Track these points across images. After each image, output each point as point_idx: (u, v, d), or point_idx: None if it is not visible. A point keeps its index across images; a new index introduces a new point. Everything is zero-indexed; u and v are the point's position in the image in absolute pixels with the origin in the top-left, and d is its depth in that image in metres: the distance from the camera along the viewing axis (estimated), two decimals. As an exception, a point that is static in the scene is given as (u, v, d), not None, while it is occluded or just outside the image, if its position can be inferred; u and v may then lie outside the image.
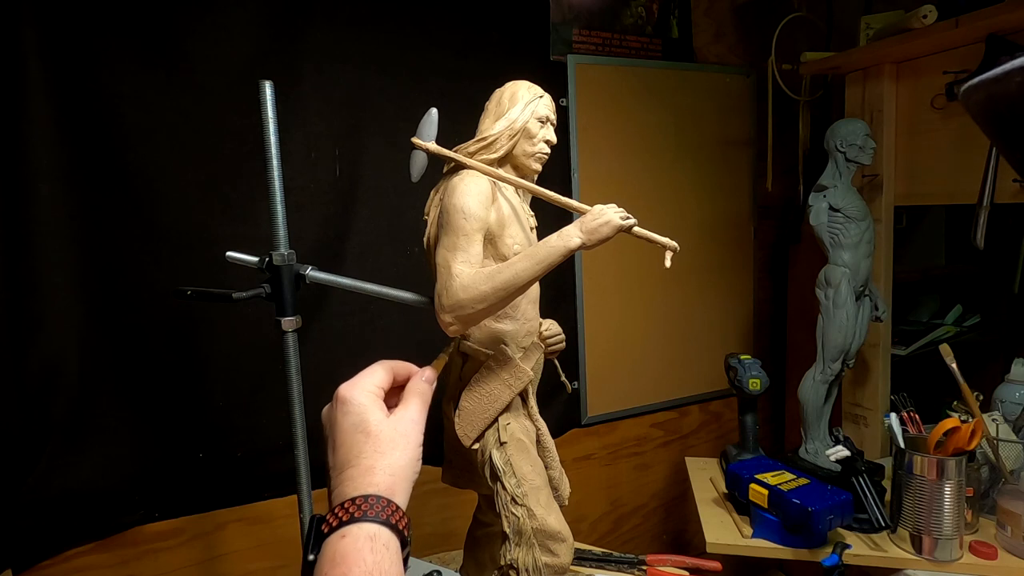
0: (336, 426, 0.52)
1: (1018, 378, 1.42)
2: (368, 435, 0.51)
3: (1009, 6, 1.16)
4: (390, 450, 0.51)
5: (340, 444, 0.51)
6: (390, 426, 0.52)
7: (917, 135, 1.48)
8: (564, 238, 0.59)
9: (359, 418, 0.52)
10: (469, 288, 0.60)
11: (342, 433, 0.52)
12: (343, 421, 0.52)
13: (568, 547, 0.68)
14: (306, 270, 0.87)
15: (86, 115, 1.11)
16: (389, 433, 0.51)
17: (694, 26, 1.75)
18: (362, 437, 0.51)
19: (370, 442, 0.51)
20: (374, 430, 0.51)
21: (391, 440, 0.51)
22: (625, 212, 0.61)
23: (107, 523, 1.20)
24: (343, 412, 0.52)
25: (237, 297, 0.84)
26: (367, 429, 0.51)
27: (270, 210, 0.89)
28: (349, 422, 0.52)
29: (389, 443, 0.51)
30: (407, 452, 0.52)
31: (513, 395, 0.69)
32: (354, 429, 0.51)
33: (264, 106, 0.87)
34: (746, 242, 1.92)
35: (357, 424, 0.51)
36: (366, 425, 0.51)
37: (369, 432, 0.51)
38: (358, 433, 0.51)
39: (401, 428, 0.52)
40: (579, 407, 1.70)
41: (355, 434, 0.51)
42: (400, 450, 0.51)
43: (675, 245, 0.62)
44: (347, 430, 0.51)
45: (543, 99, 0.71)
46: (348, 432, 0.51)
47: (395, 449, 0.51)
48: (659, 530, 1.91)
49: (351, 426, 0.52)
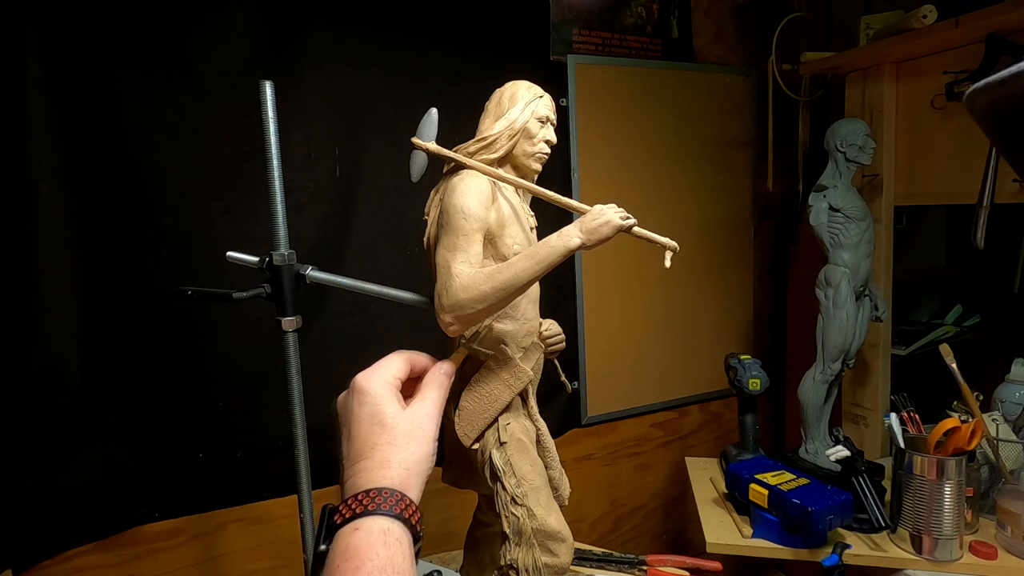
0: (352, 415, 0.52)
1: (1018, 378, 1.42)
2: (384, 427, 0.51)
3: (1009, 6, 1.16)
4: (405, 444, 0.51)
5: (355, 435, 0.51)
6: (406, 419, 0.52)
7: (917, 135, 1.48)
8: (564, 238, 0.59)
9: (375, 409, 0.52)
10: (469, 288, 0.60)
11: (357, 423, 0.52)
12: (359, 411, 0.52)
13: (568, 547, 0.68)
14: (306, 270, 0.87)
15: (86, 115, 1.11)
16: (405, 427, 0.51)
17: (694, 26, 1.75)
18: (378, 429, 0.51)
19: (385, 434, 0.51)
20: (390, 423, 0.51)
21: (406, 434, 0.51)
22: (625, 212, 0.61)
23: (107, 523, 1.20)
24: (359, 402, 0.52)
25: (237, 297, 0.84)
26: (383, 421, 0.51)
27: (270, 210, 0.89)
28: (365, 412, 0.52)
29: (404, 437, 0.51)
30: (422, 447, 0.51)
31: (513, 395, 0.68)
32: (370, 420, 0.51)
33: (264, 106, 0.87)
34: (746, 242, 1.92)
35: (373, 415, 0.51)
36: (382, 417, 0.51)
37: (385, 424, 0.51)
38: (374, 424, 0.51)
39: (417, 422, 0.52)
40: (579, 407, 1.70)
41: (371, 425, 0.51)
42: (415, 445, 0.51)
43: (675, 245, 0.62)
44: (363, 420, 0.51)
45: (543, 99, 0.71)
46: (364, 423, 0.51)
47: (410, 444, 0.51)
48: (659, 530, 1.91)
49: (367, 416, 0.51)
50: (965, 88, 1.30)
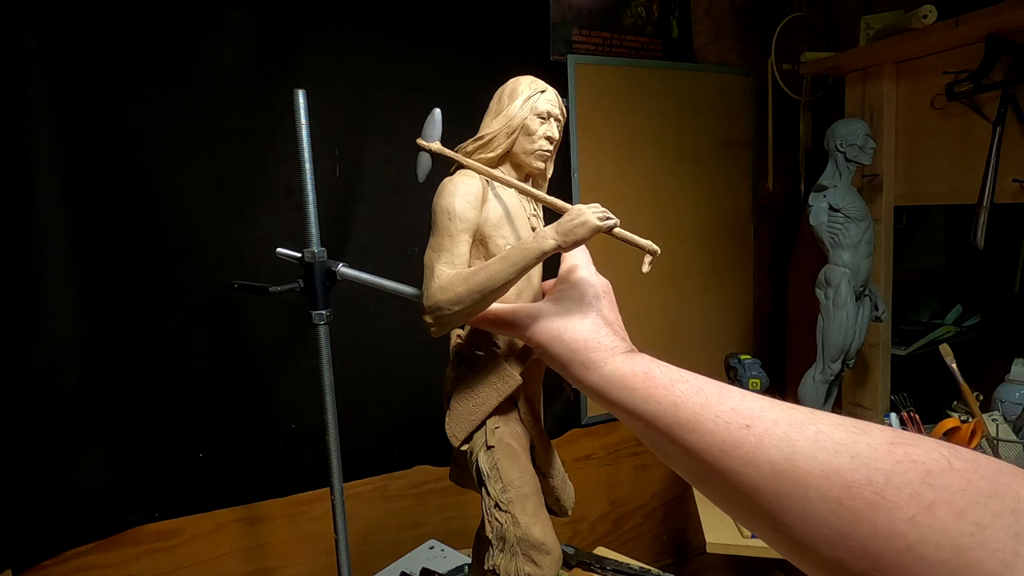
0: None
1: (1018, 378, 1.42)
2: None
3: (1009, 6, 1.16)
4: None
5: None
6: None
7: (917, 135, 1.48)
8: (539, 240, 0.58)
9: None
10: (446, 289, 0.60)
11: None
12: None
13: (554, 560, 0.66)
14: (337, 266, 0.89)
15: (86, 115, 1.11)
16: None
17: (694, 26, 1.75)
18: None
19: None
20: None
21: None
22: (606, 212, 0.57)
23: (107, 523, 1.20)
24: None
25: (273, 291, 0.88)
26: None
27: (302, 210, 0.92)
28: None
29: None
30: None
31: (500, 399, 0.67)
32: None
33: (297, 113, 0.90)
34: (746, 242, 1.92)
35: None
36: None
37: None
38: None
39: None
40: (579, 407, 1.70)
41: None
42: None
43: (656, 249, 0.60)
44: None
45: (544, 94, 0.69)
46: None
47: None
48: (659, 530, 1.91)
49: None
50: (965, 88, 1.30)
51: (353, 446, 1.19)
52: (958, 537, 0.28)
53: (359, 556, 1.18)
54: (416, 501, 1.50)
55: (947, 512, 0.29)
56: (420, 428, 1.41)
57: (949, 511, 0.29)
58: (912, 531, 0.29)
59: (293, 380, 1.30)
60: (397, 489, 1.48)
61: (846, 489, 0.32)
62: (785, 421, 0.37)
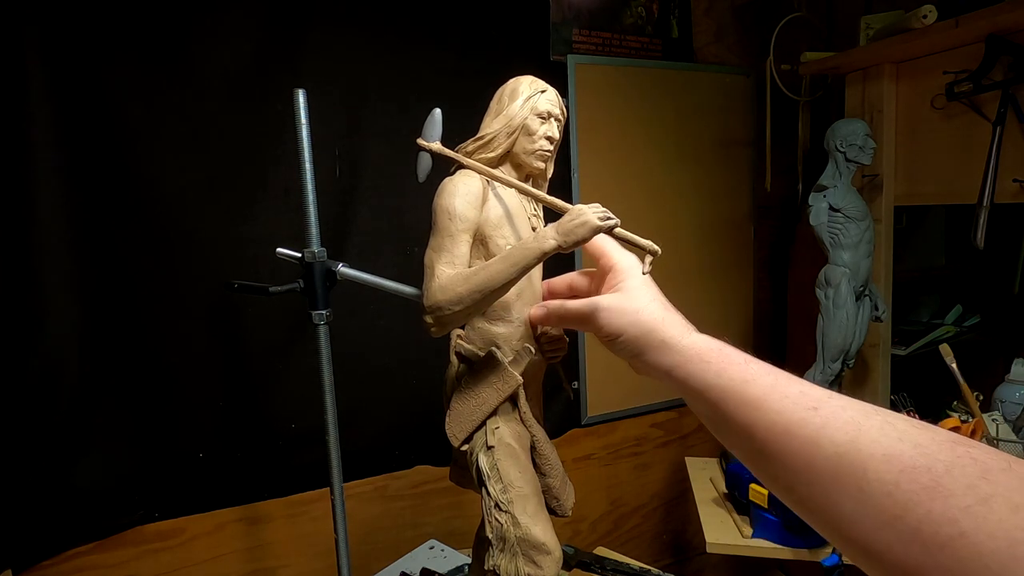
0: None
1: (1018, 378, 1.42)
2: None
3: (1009, 6, 1.16)
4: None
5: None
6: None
7: (917, 135, 1.48)
8: (539, 240, 0.58)
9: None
10: (446, 289, 0.60)
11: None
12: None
13: (554, 560, 0.66)
14: (337, 266, 0.90)
15: (87, 115, 1.11)
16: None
17: (694, 26, 1.75)
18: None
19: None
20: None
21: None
22: (606, 212, 0.57)
23: (107, 523, 1.20)
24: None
25: (273, 291, 0.88)
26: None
27: (302, 210, 0.92)
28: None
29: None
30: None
31: (501, 399, 0.67)
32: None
33: (297, 113, 0.90)
34: (746, 242, 1.92)
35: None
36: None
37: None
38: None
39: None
40: (579, 407, 1.70)
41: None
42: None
43: (657, 249, 0.60)
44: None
45: (544, 93, 0.70)
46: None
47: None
48: (659, 530, 1.91)
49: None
50: (965, 88, 1.30)
51: (353, 446, 1.19)
52: (1012, 530, 0.29)
53: (359, 556, 1.18)
54: (416, 501, 1.50)
55: (1003, 505, 0.29)
56: (420, 428, 1.41)
57: (1005, 505, 0.29)
58: (966, 519, 0.30)
59: (293, 380, 1.30)
60: (397, 489, 1.48)
61: (905, 473, 0.33)
62: (852, 408, 0.38)
